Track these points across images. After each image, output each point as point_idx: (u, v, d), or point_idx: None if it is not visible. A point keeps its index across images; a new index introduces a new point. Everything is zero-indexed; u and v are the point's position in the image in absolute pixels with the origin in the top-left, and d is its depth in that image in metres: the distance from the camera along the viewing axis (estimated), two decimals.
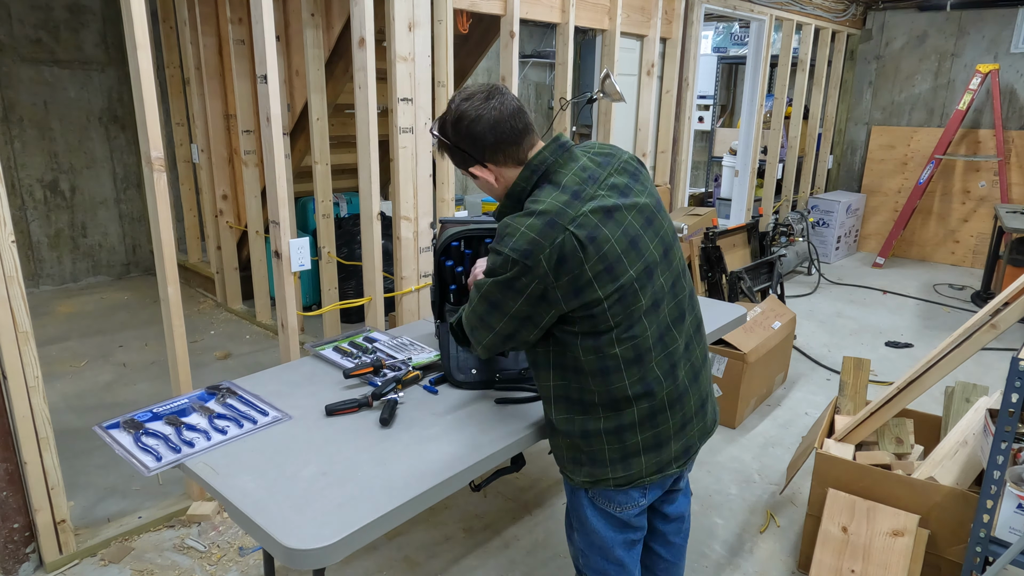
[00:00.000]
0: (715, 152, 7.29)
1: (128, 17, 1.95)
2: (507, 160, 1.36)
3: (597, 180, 1.33)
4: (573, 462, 1.44)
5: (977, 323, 2.00)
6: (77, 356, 3.77)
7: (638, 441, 1.38)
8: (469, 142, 1.35)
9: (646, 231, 1.34)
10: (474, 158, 1.37)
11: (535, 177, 1.35)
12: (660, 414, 1.38)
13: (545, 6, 3.40)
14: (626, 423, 1.37)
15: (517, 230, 1.26)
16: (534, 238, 1.24)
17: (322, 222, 3.51)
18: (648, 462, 1.40)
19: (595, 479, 1.42)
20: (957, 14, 6.09)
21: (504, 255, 1.27)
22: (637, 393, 1.35)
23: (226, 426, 1.57)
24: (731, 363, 3.14)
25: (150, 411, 1.64)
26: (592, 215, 1.27)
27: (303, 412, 1.65)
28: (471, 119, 1.33)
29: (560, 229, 1.24)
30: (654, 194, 1.42)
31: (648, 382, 1.35)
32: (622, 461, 1.39)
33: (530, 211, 1.28)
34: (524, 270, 1.25)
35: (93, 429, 1.58)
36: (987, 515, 1.78)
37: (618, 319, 1.30)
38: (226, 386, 1.76)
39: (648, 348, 1.34)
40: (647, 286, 1.32)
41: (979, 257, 6.24)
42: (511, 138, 1.35)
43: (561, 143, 1.37)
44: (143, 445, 1.49)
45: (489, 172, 1.38)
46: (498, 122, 1.33)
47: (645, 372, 1.34)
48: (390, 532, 2.32)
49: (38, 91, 4.59)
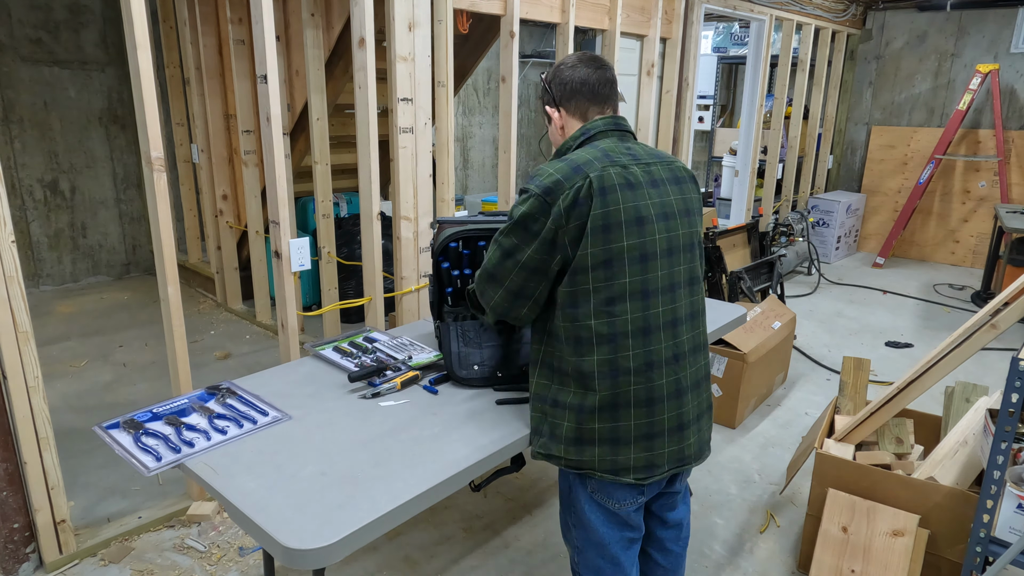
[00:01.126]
0: (715, 152, 7.29)
1: (128, 17, 1.95)
2: (576, 112, 1.50)
3: (638, 160, 1.42)
4: (536, 432, 1.50)
5: (977, 323, 2.00)
6: (77, 356, 3.77)
7: (594, 429, 1.40)
8: (557, 82, 1.52)
9: (658, 222, 1.39)
10: (554, 98, 1.52)
11: (583, 138, 1.46)
12: (623, 409, 1.38)
13: (545, 6, 3.40)
14: (587, 404, 1.39)
15: (546, 171, 1.38)
16: (558, 179, 1.35)
17: (322, 222, 3.51)
18: (601, 456, 1.40)
19: (548, 453, 1.46)
20: (957, 14, 6.09)
21: (529, 191, 1.37)
22: (603, 373, 1.37)
23: (226, 426, 1.57)
24: (731, 363, 3.14)
25: (150, 411, 1.64)
26: (615, 176, 1.36)
27: (303, 412, 1.65)
28: (569, 66, 1.51)
29: (582, 175, 1.34)
30: (689, 202, 1.48)
31: (616, 368, 1.37)
32: (576, 444, 1.42)
33: (562, 159, 1.40)
34: (543, 207, 1.35)
35: (93, 429, 1.58)
36: (987, 515, 1.78)
37: (598, 284, 1.35)
38: (226, 386, 1.76)
39: (624, 333, 1.37)
40: (637, 267, 1.37)
41: (979, 257, 6.24)
42: (589, 96, 1.49)
43: (617, 120, 1.50)
44: (143, 445, 1.49)
45: (559, 116, 1.53)
46: (587, 79, 1.49)
47: (616, 357, 1.37)
48: (390, 532, 2.32)
49: (38, 91, 4.59)
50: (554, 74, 1.53)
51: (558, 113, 1.53)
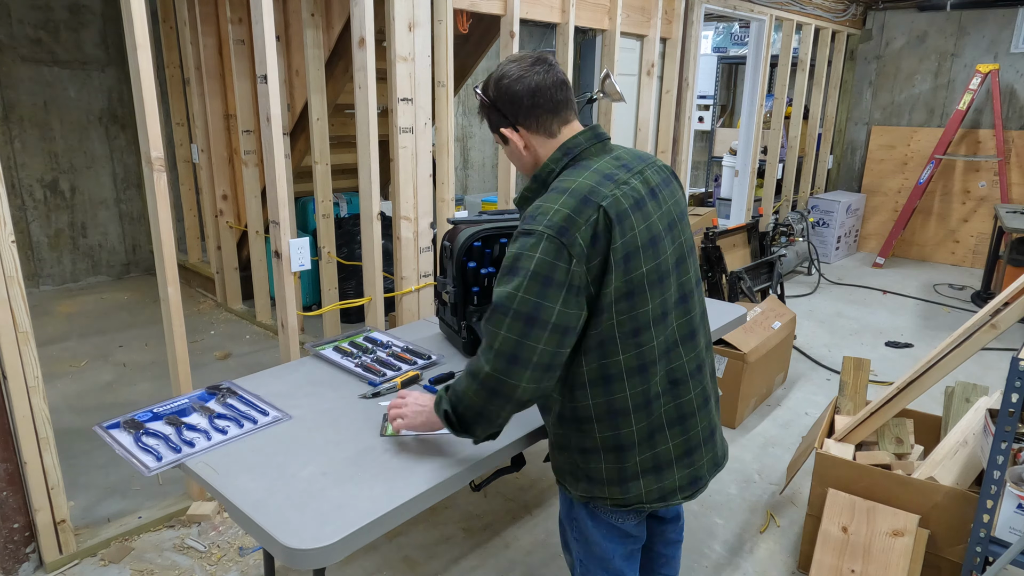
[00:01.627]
0: (715, 152, 7.29)
1: (128, 17, 1.95)
2: (539, 128, 1.33)
3: (631, 170, 1.30)
4: (572, 475, 1.39)
5: (977, 323, 2.00)
6: (77, 356, 3.77)
7: (636, 463, 1.31)
8: (506, 100, 1.32)
9: (667, 235, 1.29)
10: (507, 119, 1.33)
11: (566, 159, 1.31)
12: (658, 433, 1.31)
13: (545, 6, 3.40)
14: (624, 442, 1.30)
15: (551, 208, 1.20)
16: (569, 214, 1.18)
17: (322, 222, 3.51)
18: (648, 487, 1.33)
19: (591, 495, 1.37)
20: (957, 14, 6.09)
21: (537, 232, 1.18)
22: (637, 405, 1.28)
23: (226, 426, 1.57)
24: (731, 363, 3.14)
25: (150, 411, 1.64)
26: (623, 199, 1.23)
27: (303, 412, 1.65)
28: (513, 78, 1.31)
29: (594, 206, 1.19)
30: (681, 203, 1.39)
31: (649, 396, 1.29)
32: (620, 484, 1.33)
33: (561, 190, 1.23)
34: (560, 249, 1.16)
35: (93, 429, 1.58)
36: (987, 515, 1.78)
37: (622, 317, 1.23)
38: (226, 386, 1.76)
39: (653, 360, 1.27)
40: (657, 290, 1.26)
41: (979, 257, 6.24)
42: (548, 106, 1.31)
43: (598, 132, 1.35)
44: (143, 445, 1.49)
45: (519, 137, 1.34)
46: (539, 87, 1.31)
47: (648, 385, 1.28)
48: (390, 532, 2.32)
49: (38, 91, 4.59)
50: (497, 89, 1.32)
51: (517, 134, 1.34)
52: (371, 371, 1.85)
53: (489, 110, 1.36)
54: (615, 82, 1.76)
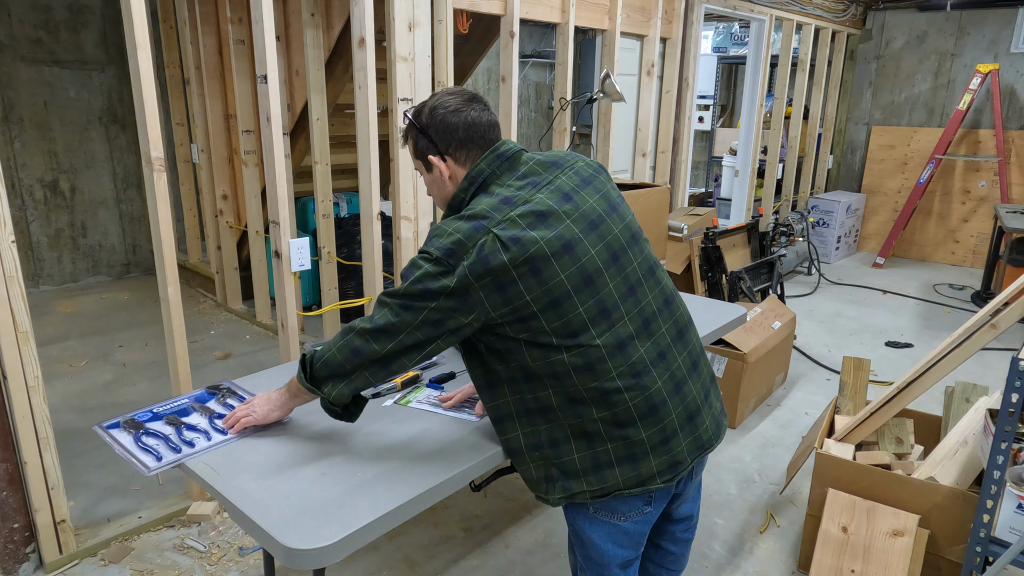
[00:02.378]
0: (715, 152, 7.29)
1: (128, 17, 1.95)
2: (467, 160, 1.38)
3: (537, 185, 1.33)
4: (546, 480, 1.39)
5: (977, 323, 2.00)
6: (77, 356, 3.77)
7: (608, 450, 1.32)
8: (439, 129, 1.36)
9: (587, 236, 1.31)
10: (437, 148, 1.37)
11: (472, 188, 1.36)
12: (629, 426, 1.31)
13: (545, 6, 3.40)
14: (591, 430, 1.32)
15: (445, 231, 1.28)
16: (459, 239, 1.25)
17: (322, 222, 3.51)
18: (624, 474, 1.33)
19: (570, 493, 1.36)
20: (957, 14, 6.10)
21: (428, 253, 1.27)
22: (594, 399, 1.30)
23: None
24: (731, 363, 3.14)
25: (150, 411, 1.64)
26: (520, 219, 1.27)
27: (303, 412, 1.64)
28: (450, 109, 1.36)
29: (484, 231, 1.25)
30: (609, 199, 1.39)
31: (605, 391, 1.30)
32: (595, 472, 1.34)
33: (461, 216, 1.30)
34: (446, 269, 1.25)
35: (93, 429, 1.58)
36: (987, 515, 1.78)
37: (554, 325, 1.27)
38: (226, 386, 1.76)
39: (601, 358, 1.29)
40: (585, 292, 1.28)
41: (979, 257, 6.24)
42: (479, 142, 1.37)
43: (499, 153, 1.37)
44: (143, 445, 1.49)
45: (445, 167, 1.38)
46: (475, 123, 1.36)
47: (601, 383, 1.29)
48: (390, 532, 2.32)
49: (38, 91, 4.59)
50: (432, 116, 1.37)
51: (444, 163, 1.38)
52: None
53: (418, 136, 1.40)
54: (615, 82, 1.76)
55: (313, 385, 1.41)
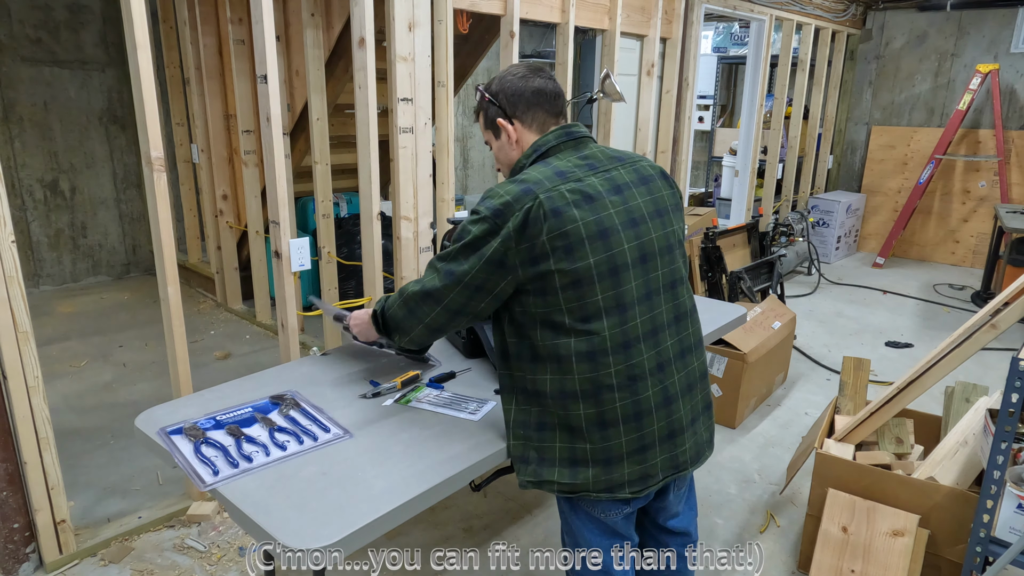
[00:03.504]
0: (715, 152, 7.29)
1: (128, 17, 1.95)
2: (532, 124, 1.44)
3: (595, 169, 1.37)
4: (522, 460, 1.42)
5: (977, 323, 2.00)
6: (77, 356, 3.77)
7: (586, 448, 1.34)
8: (508, 95, 1.44)
9: (625, 230, 1.33)
10: (505, 112, 1.44)
11: (535, 155, 1.42)
12: (611, 427, 1.33)
13: (545, 6, 3.40)
14: (574, 424, 1.34)
15: (496, 193, 1.33)
16: (508, 200, 1.30)
17: (322, 222, 3.51)
18: (596, 477, 1.35)
19: (538, 479, 1.39)
20: (957, 14, 6.10)
21: (479, 213, 1.33)
22: (585, 392, 1.32)
23: (286, 441, 1.50)
24: (731, 363, 3.14)
25: (213, 418, 1.57)
26: (569, 194, 1.31)
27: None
28: (518, 76, 1.45)
29: (532, 196, 1.29)
30: (659, 203, 1.41)
31: (599, 386, 1.32)
32: (569, 467, 1.36)
33: (514, 180, 1.35)
34: (493, 228, 1.30)
35: (156, 433, 1.50)
36: (987, 515, 1.78)
37: (571, 306, 1.31)
38: (291, 396, 1.69)
39: (604, 350, 1.31)
40: (608, 282, 1.31)
41: (979, 257, 6.24)
42: (545, 107, 1.44)
43: (569, 131, 1.44)
44: (202, 456, 1.42)
45: (513, 130, 1.44)
46: (541, 89, 1.44)
47: (598, 375, 1.31)
48: (390, 532, 2.32)
49: (38, 91, 4.59)
50: (501, 85, 1.45)
51: (511, 126, 1.45)
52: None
53: (488, 105, 1.47)
54: (615, 82, 1.76)
55: (386, 334, 1.59)
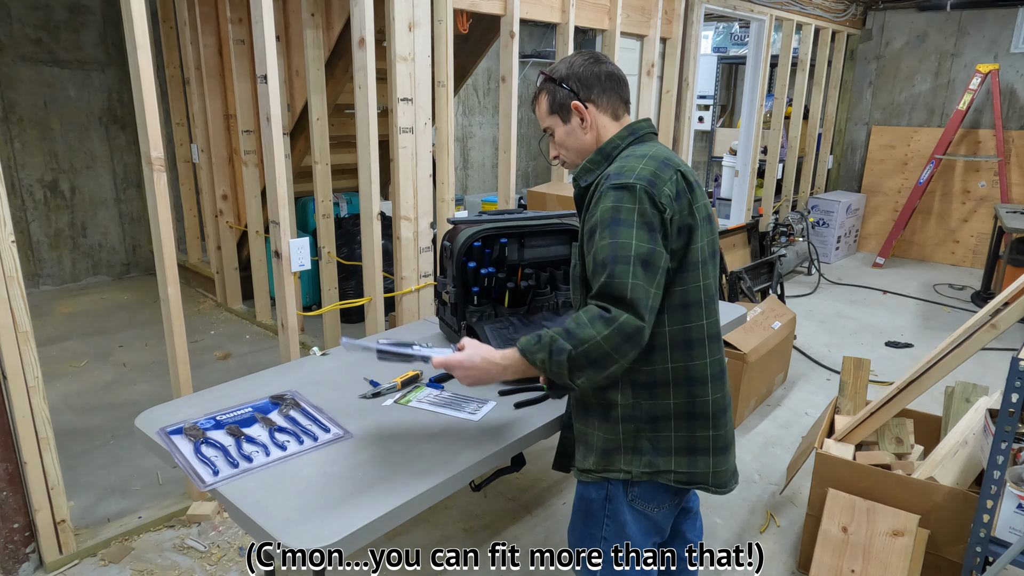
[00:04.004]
0: (715, 152, 7.29)
1: (128, 17, 1.95)
2: (607, 107, 1.40)
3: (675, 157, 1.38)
4: (633, 451, 1.33)
5: (977, 323, 2.00)
6: (77, 356, 3.77)
7: (708, 436, 1.33)
8: (581, 79, 1.38)
9: (704, 225, 1.33)
10: (578, 95, 1.38)
11: (632, 138, 1.38)
12: (720, 416, 1.35)
13: (545, 6, 3.40)
14: (699, 411, 1.32)
15: (636, 165, 1.26)
16: (655, 169, 1.26)
17: (322, 222, 3.51)
18: (715, 467, 1.35)
19: (655, 470, 1.33)
20: (957, 14, 6.10)
21: (630, 185, 1.23)
22: (714, 375, 1.32)
23: (286, 441, 1.50)
24: (731, 363, 3.13)
25: (213, 418, 1.57)
26: (689, 171, 1.32)
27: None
28: (588, 61, 1.40)
29: (672, 168, 1.28)
30: (710, 208, 1.41)
31: (722, 370, 1.33)
32: (688, 454, 1.33)
33: (638, 155, 1.30)
34: (653, 198, 1.22)
35: (156, 433, 1.50)
36: (987, 515, 1.78)
37: (707, 281, 1.30)
38: (291, 396, 1.69)
39: (715, 335, 1.33)
40: (702, 271, 1.30)
41: (979, 257, 6.24)
42: (618, 91, 1.41)
43: (649, 121, 1.44)
44: (202, 456, 1.42)
45: (588, 113, 1.38)
46: (613, 74, 1.41)
47: (721, 358, 1.33)
48: (390, 532, 2.32)
49: (38, 91, 4.59)
50: (570, 70, 1.39)
51: (586, 109, 1.38)
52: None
53: (556, 88, 1.40)
54: None
55: (569, 377, 1.24)
